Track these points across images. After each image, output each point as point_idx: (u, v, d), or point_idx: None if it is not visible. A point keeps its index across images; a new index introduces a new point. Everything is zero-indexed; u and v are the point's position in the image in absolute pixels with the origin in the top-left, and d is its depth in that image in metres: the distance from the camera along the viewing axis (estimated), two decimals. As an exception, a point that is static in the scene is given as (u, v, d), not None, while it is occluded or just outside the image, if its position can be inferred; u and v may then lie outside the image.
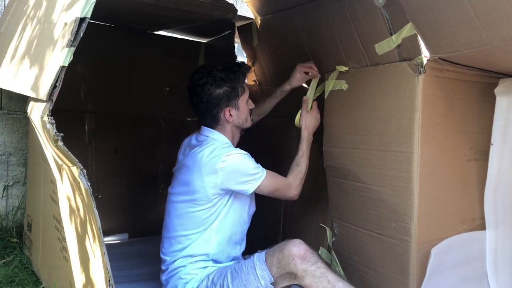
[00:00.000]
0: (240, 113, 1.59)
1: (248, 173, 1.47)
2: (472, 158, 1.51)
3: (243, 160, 1.48)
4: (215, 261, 1.52)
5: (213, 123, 1.59)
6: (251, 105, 1.64)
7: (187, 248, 1.50)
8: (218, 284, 1.40)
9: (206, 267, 1.49)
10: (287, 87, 1.79)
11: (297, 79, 1.76)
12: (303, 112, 1.68)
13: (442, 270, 1.42)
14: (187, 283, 1.45)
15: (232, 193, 1.51)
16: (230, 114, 1.57)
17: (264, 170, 1.52)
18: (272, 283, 1.35)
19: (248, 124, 1.64)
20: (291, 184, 1.57)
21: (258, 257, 1.39)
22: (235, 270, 1.41)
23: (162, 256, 1.56)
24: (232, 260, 1.57)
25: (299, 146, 1.64)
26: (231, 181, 1.45)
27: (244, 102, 1.59)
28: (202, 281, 1.44)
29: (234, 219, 1.54)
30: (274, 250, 1.38)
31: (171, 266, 1.51)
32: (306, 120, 1.66)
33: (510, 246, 1.57)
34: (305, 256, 1.32)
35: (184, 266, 1.48)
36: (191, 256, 1.49)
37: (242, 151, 1.51)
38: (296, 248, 1.33)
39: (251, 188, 1.48)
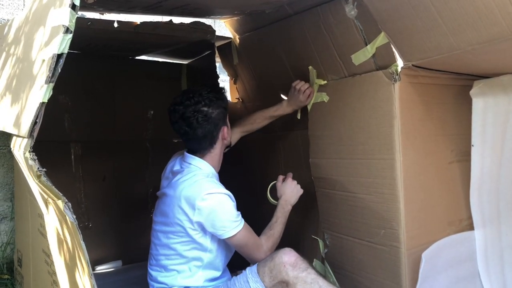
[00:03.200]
0: (229, 130, 1.59)
1: (226, 220, 1.42)
2: (454, 160, 1.53)
3: (224, 205, 1.43)
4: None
5: (208, 147, 1.53)
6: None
7: (172, 277, 1.49)
8: None
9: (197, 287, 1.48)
10: (288, 109, 1.75)
11: (299, 99, 1.69)
12: (278, 184, 1.65)
13: (434, 274, 1.43)
14: None
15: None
16: (227, 133, 1.57)
17: (243, 221, 1.46)
18: None
19: (232, 142, 1.65)
20: (262, 246, 1.48)
21: (250, 270, 1.40)
22: (227, 286, 1.41)
23: (149, 281, 1.55)
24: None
25: (275, 211, 1.59)
26: (207, 222, 1.42)
27: (228, 120, 1.59)
28: None
29: (223, 256, 1.53)
30: (265, 261, 1.39)
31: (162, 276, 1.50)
32: (282, 190, 1.63)
33: (500, 243, 1.60)
34: (296, 263, 1.34)
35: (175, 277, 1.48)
36: (178, 286, 1.49)
37: (225, 191, 1.45)
38: (287, 256, 1.34)
39: (224, 235, 1.43)
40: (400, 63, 1.35)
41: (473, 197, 1.56)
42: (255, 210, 2.17)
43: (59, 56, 0.97)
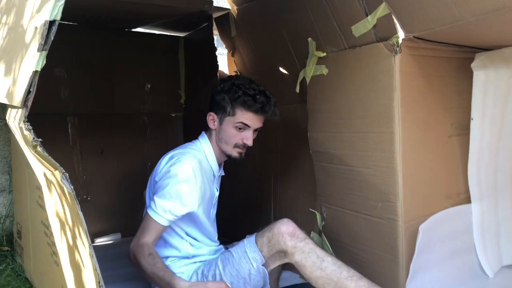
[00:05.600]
0: (221, 130, 1.52)
1: (162, 196, 1.39)
2: (453, 133, 1.53)
3: (178, 180, 1.39)
4: (199, 255, 1.53)
5: (205, 123, 1.56)
6: (247, 139, 1.51)
7: (164, 250, 1.50)
8: (209, 275, 1.40)
9: (194, 262, 1.49)
10: None
11: None
12: None
13: (430, 246, 1.44)
14: None
15: None
16: (213, 122, 1.54)
17: (165, 216, 1.38)
18: (263, 264, 1.36)
19: (230, 152, 1.53)
20: (142, 245, 1.35)
21: (248, 241, 1.40)
22: (225, 258, 1.41)
23: None
24: (213, 245, 1.59)
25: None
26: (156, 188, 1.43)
27: (228, 124, 1.50)
28: (191, 278, 1.44)
29: (199, 225, 1.52)
30: (264, 231, 1.39)
31: None
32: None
33: (496, 217, 1.61)
34: (294, 233, 1.34)
35: (168, 265, 1.47)
36: (171, 257, 1.50)
37: (189, 172, 1.41)
38: (285, 226, 1.35)
39: (148, 209, 1.40)
40: (401, 34, 1.32)
41: (471, 171, 1.56)
42: (254, 186, 2.18)
43: (51, 23, 0.94)
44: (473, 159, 1.55)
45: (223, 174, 1.67)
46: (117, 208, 2.34)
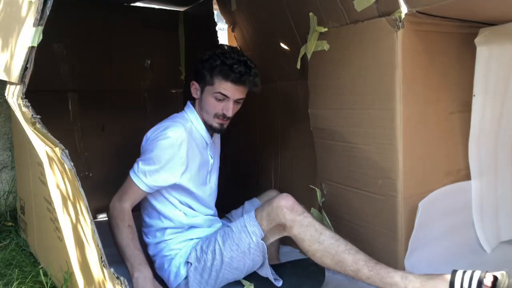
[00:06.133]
0: (202, 99, 1.52)
1: (147, 157, 1.41)
2: (455, 110, 1.52)
3: (163, 146, 1.41)
4: (194, 227, 1.53)
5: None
6: (226, 110, 1.49)
7: (158, 221, 1.51)
8: (209, 250, 1.42)
9: (190, 239, 1.50)
10: None
11: None
12: None
13: (429, 222, 1.45)
14: (172, 259, 1.47)
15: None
16: (196, 91, 1.54)
17: (145, 181, 1.40)
18: (262, 238, 1.38)
19: (210, 122, 1.52)
20: (123, 211, 1.39)
21: (248, 215, 1.41)
22: (225, 232, 1.42)
23: (143, 229, 1.56)
24: (209, 213, 1.60)
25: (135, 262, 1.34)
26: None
27: (208, 94, 1.49)
28: (190, 253, 1.45)
29: (190, 192, 1.52)
30: (263, 206, 1.41)
31: (153, 243, 1.52)
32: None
33: (495, 193, 1.61)
34: (293, 207, 1.35)
35: (165, 242, 1.50)
36: (168, 228, 1.50)
37: (175, 140, 1.41)
38: (284, 200, 1.36)
39: (131, 171, 1.43)
40: (404, 9, 1.29)
41: (471, 147, 1.56)
42: (253, 160, 2.19)
43: (47, -3, 0.93)
44: (474, 136, 1.54)
45: (218, 142, 1.68)
46: (119, 184, 2.33)
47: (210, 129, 1.55)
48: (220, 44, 1.61)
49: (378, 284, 1.25)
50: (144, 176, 1.41)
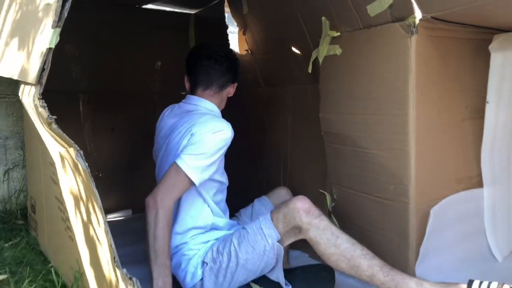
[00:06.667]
0: (230, 94, 1.64)
1: (198, 148, 1.40)
2: (468, 117, 1.51)
3: (222, 140, 1.43)
4: (216, 229, 1.53)
5: (220, 87, 1.59)
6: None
7: (182, 222, 1.49)
8: (224, 252, 1.41)
9: (208, 241, 1.50)
10: None
11: None
12: None
13: (441, 229, 1.44)
14: (190, 259, 1.46)
15: None
16: (231, 92, 1.63)
17: (199, 174, 1.38)
18: (278, 241, 1.37)
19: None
20: (167, 208, 1.35)
21: (264, 217, 1.41)
22: (240, 234, 1.42)
23: None
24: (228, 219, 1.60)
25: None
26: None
27: (233, 89, 1.65)
28: (206, 253, 1.45)
29: (223, 188, 1.56)
30: (279, 207, 1.40)
31: (172, 244, 1.50)
32: None
33: (508, 201, 1.60)
34: (310, 209, 1.35)
35: (185, 243, 1.49)
36: (193, 229, 1.49)
37: (230, 136, 1.45)
38: (301, 202, 1.36)
39: (179, 161, 1.37)
40: (418, 15, 1.29)
41: (484, 155, 1.54)
42: (262, 163, 2.18)
43: None
44: (486, 143, 1.53)
45: None
46: (128, 185, 2.37)
47: None
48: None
49: None
50: (198, 169, 1.38)
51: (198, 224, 1.49)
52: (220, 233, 1.53)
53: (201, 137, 1.41)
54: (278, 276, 1.40)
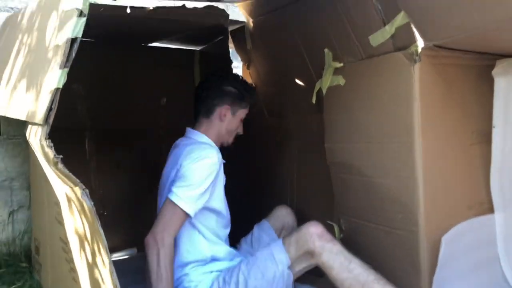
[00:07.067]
0: (232, 122, 1.62)
1: (191, 181, 1.40)
2: (475, 141, 1.50)
3: (207, 168, 1.42)
4: (216, 260, 1.50)
5: (205, 114, 1.60)
6: (241, 130, 1.67)
7: (179, 256, 1.48)
8: (232, 281, 1.37)
9: (211, 271, 1.46)
10: None
11: None
12: None
13: (453, 258, 1.40)
14: None
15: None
16: (225, 115, 1.59)
17: (191, 204, 1.38)
18: (289, 267, 1.35)
19: (228, 140, 1.65)
20: (166, 245, 1.34)
21: (275, 243, 1.41)
22: (249, 261, 1.40)
23: None
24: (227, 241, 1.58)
25: None
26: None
27: (240, 117, 1.64)
28: (212, 286, 1.41)
29: (217, 214, 1.53)
30: (291, 233, 1.41)
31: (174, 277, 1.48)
32: None
33: (521, 227, 1.56)
34: (323, 234, 1.36)
35: (186, 274, 1.46)
36: (188, 263, 1.47)
37: (216, 161, 1.44)
38: (314, 227, 1.36)
39: (172, 196, 1.38)
40: (420, 43, 1.30)
41: (493, 180, 1.52)
42: (267, 195, 2.16)
43: (73, 40, 0.95)
44: (495, 167, 1.51)
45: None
46: (133, 222, 2.34)
47: (222, 148, 1.61)
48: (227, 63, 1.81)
49: None
50: (192, 201, 1.38)
51: (196, 257, 1.47)
52: (222, 264, 1.50)
53: (186, 168, 1.42)
54: None
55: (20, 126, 2.03)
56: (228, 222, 1.61)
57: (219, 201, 1.52)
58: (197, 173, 1.41)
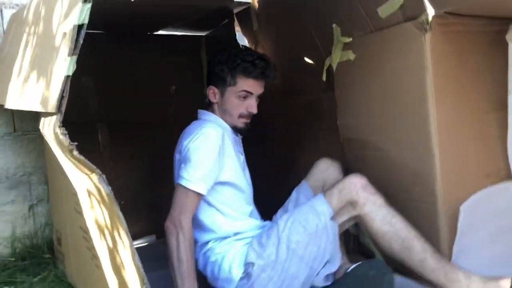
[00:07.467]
0: (226, 101, 1.53)
1: (196, 161, 1.38)
2: (490, 109, 1.47)
3: (208, 147, 1.39)
4: (240, 232, 1.46)
5: (207, 96, 1.59)
6: (251, 107, 1.52)
7: (201, 236, 1.47)
8: (270, 242, 1.31)
9: (237, 240, 1.42)
10: None
11: None
12: None
13: (473, 227, 1.40)
14: (220, 264, 1.40)
15: None
16: (215, 95, 1.55)
17: (201, 184, 1.37)
18: (331, 218, 1.32)
19: (235, 123, 1.54)
20: (184, 228, 1.34)
21: (315, 198, 1.38)
22: (288, 219, 1.34)
23: None
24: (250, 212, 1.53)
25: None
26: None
27: (231, 95, 1.52)
28: (248, 254, 1.35)
29: (235, 188, 1.49)
30: (333, 185, 1.38)
31: (200, 251, 1.48)
32: None
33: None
34: (367, 185, 1.34)
35: (210, 249, 1.44)
36: (209, 241, 1.45)
37: (217, 138, 1.41)
38: (358, 178, 1.35)
39: (180, 180, 1.37)
40: (430, 11, 1.27)
41: (510, 146, 1.50)
42: (279, 178, 2.15)
43: (79, 27, 0.95)
44: (512, 134, 1.49)
45: (241, 142, 1.66)
46: (151, 210, 2.36)
47: (236, 130, 1.56)
48: (234, 46, 1.70)
49: (441, 279, 1.21)
50: (200, 180, 1.37)
51: (218, 234, 1.45)
52: (248, 234, 1.45)
53: (188, 149, 1.42)
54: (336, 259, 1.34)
55: (33, 121, 2.05)
56: (249, 198, 1.57)
57: (232, 174, 1.47)
58: (198, 151, 1.40)
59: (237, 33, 2.28)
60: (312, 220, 1.30)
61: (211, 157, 1.39)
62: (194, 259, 1.36)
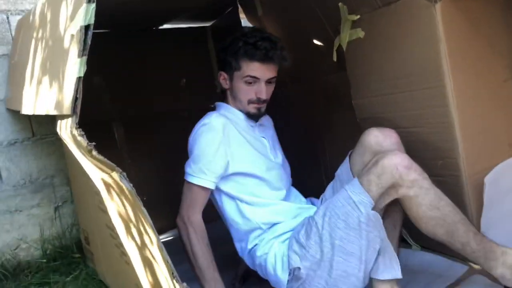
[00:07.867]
0: (233, 88, 1.46)
1: (198, 154, 1.37)
2: (508, 76, 1.44)
3: (207, 139, 1.37)
4: (275, 223, 1.39)
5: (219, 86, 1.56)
6: (259, 93, 1.42)
7: (234, 231, 1.45)
8: (312, 242, 1.23)
9: (276, 237, 1.36)
10: None
11: None
12: None
13: (499, 198, 1.37)
14: (265, 267, 1.36)
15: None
16: (226, 81, 1.48)
17: (207, 178, 1.35)
18: (373, 208, 1.17)
19: (246, 109, 1.45)
20: (192, 223, 1.35)
21: (349, 185, 1.20)
22: (325, 214, 1.22)
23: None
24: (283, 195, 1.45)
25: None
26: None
27: (238, 81, 1.43)
28: (289, 257, 1.28)
29: (254, 176, 1.41)
30: (368, 169, 1.19)
31: (244, 251, 1.44)
32: None
33: None
34: (411, 165, 1.16)
35: (256, 244, 1.39)
36: (246, 234, 1.41)
37: (215, 121, 1.38)
38: (399, 158, 1.16)
39: (187, 177, 1.38)
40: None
41: (532, 114, 1.47)
42: (298, 160, 2.13)
43: (86, 27, 0.96)
44: (533, 100, 1.46)
45: (268, 125, 1.61)
46: (173, 204, 2.37)
47: (249, 116, 1.47)
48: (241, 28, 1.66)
49: (480, 260, 1.18)
50: (202, 173, 1.34)
51: (250, 226, 1.40)
52: (285, 225, 1.38)
53: (189, 143, 1.43)
54: (388, 250, 1.20)
55: (50, 125, 2.08)
56: (280, 181, 1.47)
57: (246, 163, 1.40)
58: (198, 143, 1.38)
59: (242, 21, 2.27)
60: (352, 213, 1.17)
61: (211, 147, 1.35)
62: (209, 251, 1.34)
